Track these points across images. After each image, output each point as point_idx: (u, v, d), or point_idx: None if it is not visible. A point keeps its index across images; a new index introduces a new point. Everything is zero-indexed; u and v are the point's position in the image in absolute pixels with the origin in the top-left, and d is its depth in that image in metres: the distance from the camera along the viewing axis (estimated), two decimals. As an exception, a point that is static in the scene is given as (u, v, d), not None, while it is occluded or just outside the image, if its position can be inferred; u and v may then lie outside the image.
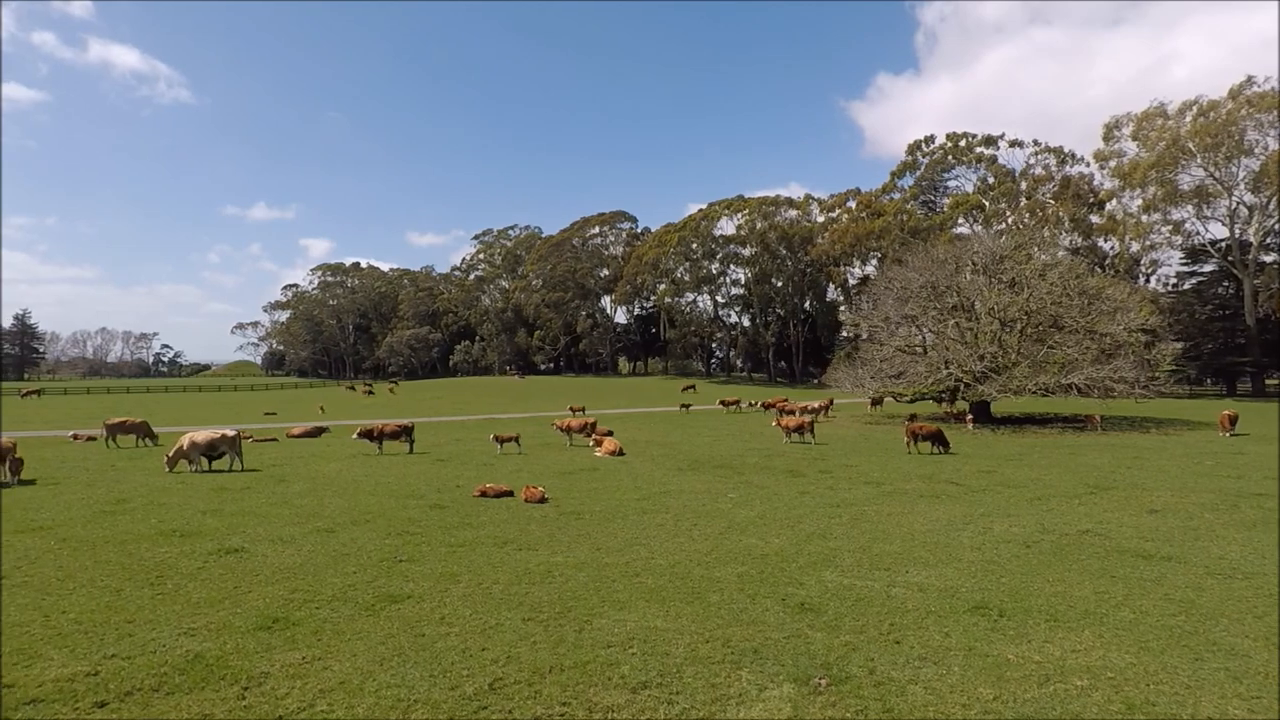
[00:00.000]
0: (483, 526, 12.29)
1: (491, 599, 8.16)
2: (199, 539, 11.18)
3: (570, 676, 5.99)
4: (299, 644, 6.70)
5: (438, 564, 9.73)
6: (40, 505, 14.10)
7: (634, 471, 19.43)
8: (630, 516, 13.27)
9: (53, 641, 6.77)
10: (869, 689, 5.86)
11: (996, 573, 9.48)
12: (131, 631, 7.03)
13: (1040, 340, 34.72)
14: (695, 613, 7.72)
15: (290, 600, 8.04)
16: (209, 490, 16.02)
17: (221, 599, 8.09)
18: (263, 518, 12.95)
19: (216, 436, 20.17)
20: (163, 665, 6.17)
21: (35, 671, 6.04)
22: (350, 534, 11.65)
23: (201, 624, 7.24)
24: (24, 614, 7.55)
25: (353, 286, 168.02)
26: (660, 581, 8.94)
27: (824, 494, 15.92)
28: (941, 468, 20.08)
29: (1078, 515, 13.43)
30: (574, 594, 8.36)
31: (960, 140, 75.57)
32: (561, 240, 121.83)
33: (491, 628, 7.17)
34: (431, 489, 16.36)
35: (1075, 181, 68.22)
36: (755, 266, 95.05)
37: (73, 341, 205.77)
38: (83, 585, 8.64)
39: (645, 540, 11.30)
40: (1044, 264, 35.62)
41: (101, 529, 11.98)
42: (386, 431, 24.14)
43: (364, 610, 7.69)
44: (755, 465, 20.74)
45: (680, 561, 9.95)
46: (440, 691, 5.71)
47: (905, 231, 73.91)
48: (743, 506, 14.30)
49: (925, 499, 15.30)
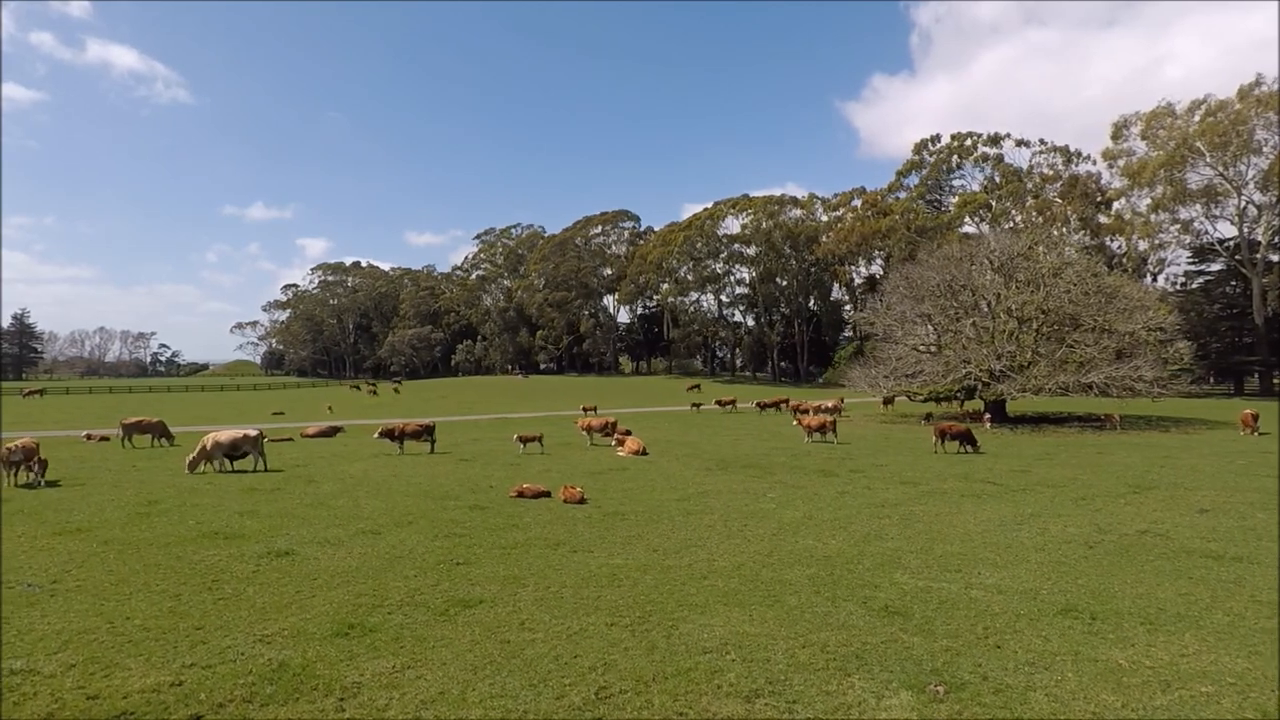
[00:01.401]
0: (529, 528, 12.04)
1: (564, 603, 7.93)
2: (243, 541, 10.92)
3: (676, 685, 5.75)
4: (382, 651, 6.45)
5: (496, 567, 9.48)
6: (72, 507, 13.82)
7: (663, 471, 19.20)
8: (676, 518, 13.04)
9: (124, 649, 6.52)
10: (989, 696, 5.63)
11: (1069, 574, 9.27)
12: (204, 639, 6.78)
13: (1058, 339, 34.56)
14: (778, 617, 7.49)
15: (358, 605, 7.79)
16: (239, 491, 15.75)
17: (286, 604, 7.84)
18: (302, 519, 12.69)
19: (239, 436, 19.90)
20: (247, 675, 5.92)
21: (117, 682, 5.79)
22: (397, 536, 11.40)
23: (274, 630, 6.99)
24: (87, 620, 7.30)
25: (353, 286, 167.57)
26: (731, 584, 8.71)
27: (863, 494, 15.71)
28: (974, 467, 19.88)
29: (1128, 515, 13.23)
30: (647, 598, 8.12)
31: (966, 139, 75.43)
32: (564, 239, 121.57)
33: (575, 634, 6.93)
34: (465, 490, 16.10)
35: (1082, 180, 68.14)
36: (760, 265, 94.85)
37: (70, 341, 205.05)
38: (138, 590, 8.39)
39: (700, 542, 11.06)
40: (1061, 262, 35.41)
41: (140, 531, 11.72)
42: (408, 431, 23.88)
43: (438, 615, 7.45)
44: (784, 465, 20.52)
45: (743, 564, 9.72)
46: (546, 701, 5.47)
47: (912, 231, 73.76)
48: (786, 507, 14.07)
49: (968, 499, 15.10)
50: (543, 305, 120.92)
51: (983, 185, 75.06)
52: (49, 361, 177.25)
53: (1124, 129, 63.30)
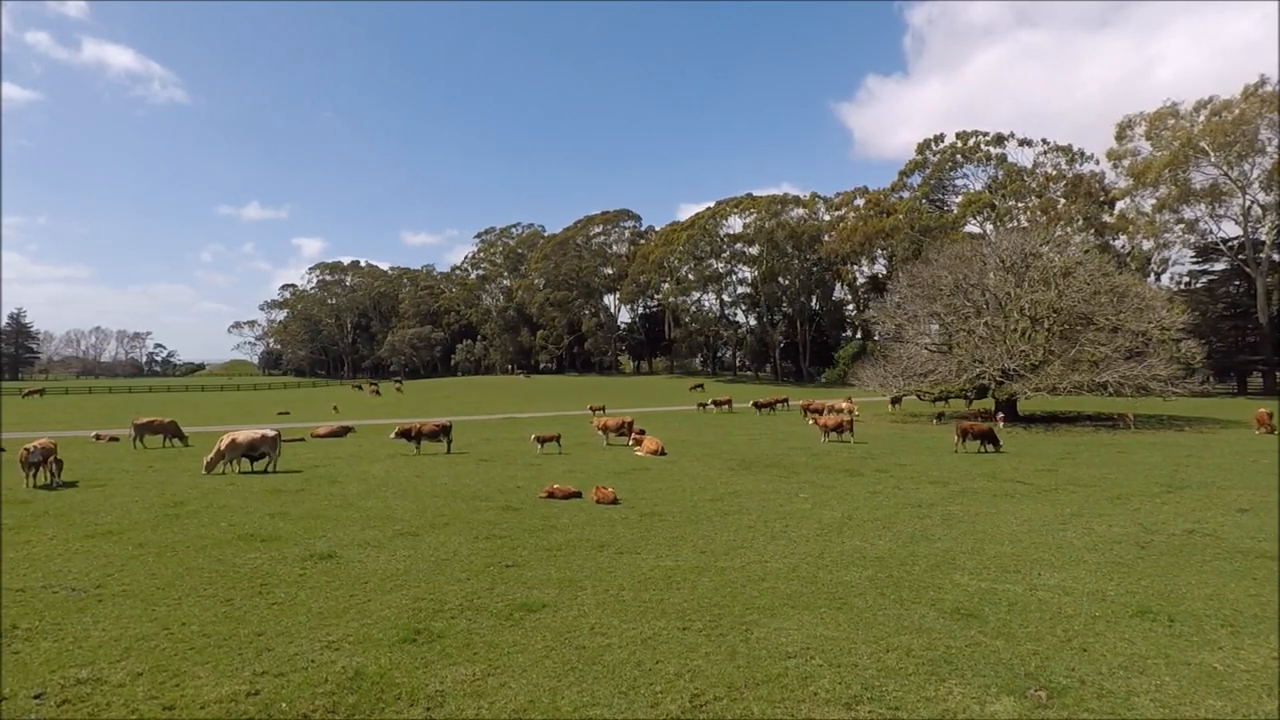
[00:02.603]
0: (568, 529, 11.86)
1: (627, 607, 7.75)
2: (281, 544, 10.71)
3: (770, 691, 5.58)
4: (456, 658, 6.26)
5: (547, 570, 9.30)
6: (97, 508, 13.58)
7: (687, 471, 19.04)
8: (714, 518, 12.87)
9: (188, 657, 6.32)
10: (1093, 700, 5.48)
11: (1129, 575, 9.13)
12: (268, 645, 6.58)
13: (1071, 339, 34.47)
14: (850, 620, 7.32)
15: (417, 610, 7.60)
16: (263, 492, 15.53)
17: (344, 609, 7.64)
18: (335, 521, 12.49)
19: (257, 437, 19.67)
20: (324, 683, 5.73)
21: (190, 692, 5.59)
22: (436, 538, 11.20)
23: (338, 636, 6.80)
24: (142, 626, 7.09)
25: (352, 285, 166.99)
26: (791, 587, 8.54)
27: (895, 494, 15.56)
28: (999, 466, 19.76)
29: (1168, 515, 13.10)
30: (710, 601, 7.95)
31: (970, 139, 75.38)
32: (565, 239, 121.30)
33: (649, 639, 6.75)
34: (493, 490, 15.91)
35: (1086, 180, 68.17)
36: (762, 265, 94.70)
37: (66, 341, 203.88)
38: (187, 594, 8.18)
39: (746, 543, 10.89)
40: (1074, 261, 35.33)
41: (172, 533, 11.50)
42: (425, 431, 23.67)
43: (503, 620, 7.26)
44: (807, 465, 20.37)
45: (797, 565, 9.55)
46: (641, 709, 5.30)
47: (916, 230, 73.69)
48: (822, 507, 13.91)
49: (1002, 498, 14.97)
50: (543, 305, 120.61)
51: (986, 185, 75.04)
52: (45, 361, 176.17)
53: (1128, 129, 63.35)
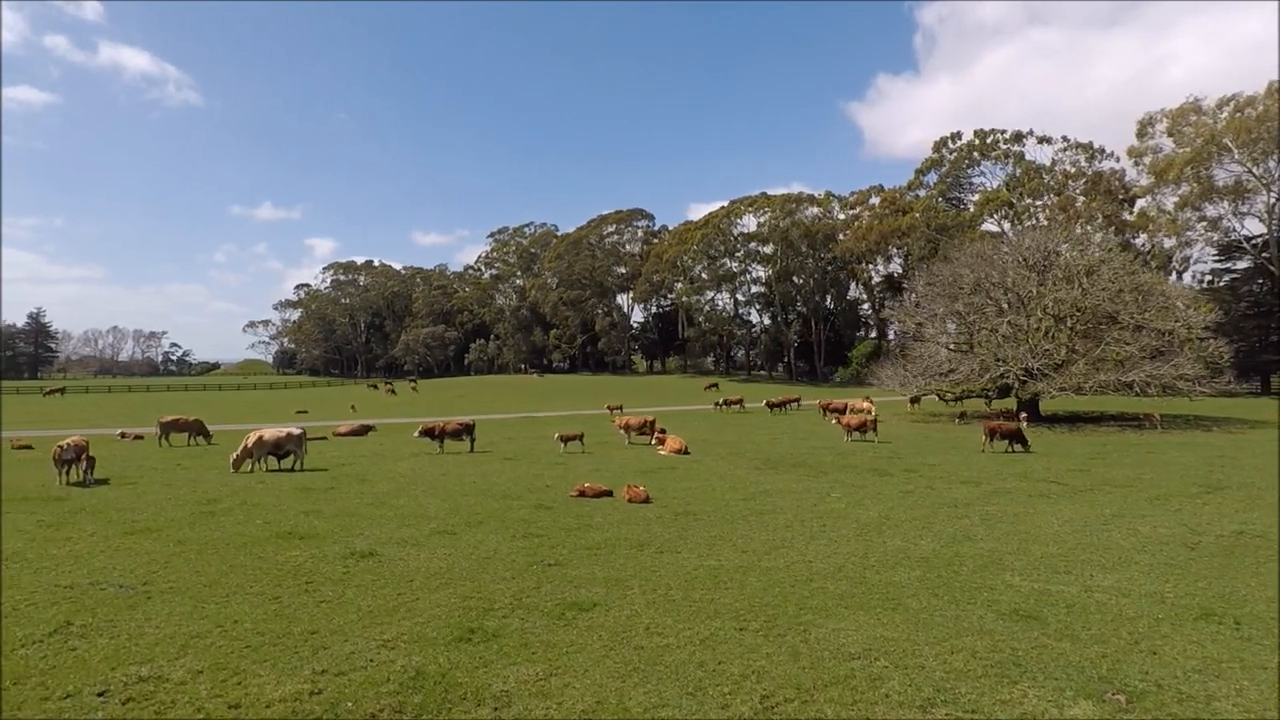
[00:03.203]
0: (604, 528, 11.78)
1: (678, 606, 7.65)
2: (319, 542, 10.69)
3: (841, 693, 5.47)
4: (515, 658, 6.19)
5: (590, 569, 9.22)
6: (132, 506, 13.63)
7: (713, 470, 18.93)
8: (749, 517, 12.76)
9: (245, 655, 6.28)
10: (1174, 705, 5.34)
11: (1184, 576, 8.96)
12: (323, 644, 6.53)
13: (1095, 337, 34.08)
14: (907, 621, 7.20)
15: (467, 609, 7.54)
16: (294, 490, 15.54)
17: (393, 608, 7.59)
18: (370, 519, 12.46)
19: (283, 435, 19.72)
20: (386, 682, 5.67)
21: (252, 690, 5.54)
22: (473, 536, 11.15)
23: (392, 635, 6.74)
24: (194, 624, 7.06)
25: (365, 285, 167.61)
26: (841, 587, 8.42)
27: (928, 493, 15.40)
28: (1030, 466, 19.53)
29: (1212, 516, 12.88)
30: (761, 601, 7.85)
31: (988, 136, 74.70)
32: (578, 238, 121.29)
33: (707, 639, 6.65)
34: (522, 489, 15.86)
35: (1106, 177, 67.45)
36: (777, 264, 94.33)
37: (84, 340, 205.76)
38: (234, 592, 8.15)
39: (786, 543, 10.78)
40: (1097, 259, 34.92)
41: (210, 531, 11.50)
42: (448, 430, 23.67)
43: (555, 620, 7.19)
44: (833, 464, 20.21)
45: (843, 565, 9.43)
46: (713, 710, 5.20)
47: (932, 229, 73.15)
48: (857, 507, 13.77)
49: (1038, 499, 14.77)
50: (557, 304, 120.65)
51: (1004, 183, 74.36)
52: (63, 360, 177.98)
53: (1149, 126, 62.54)
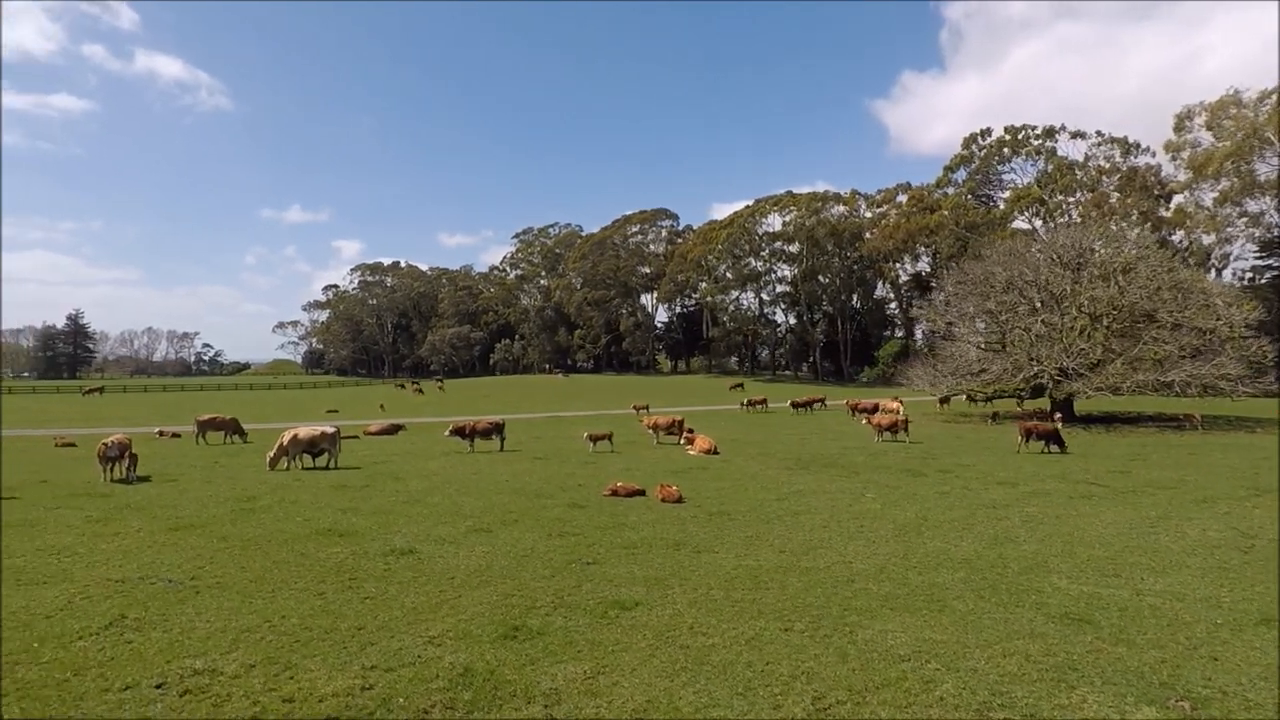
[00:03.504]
0: (639, 528, 11.76)
1: (719, 606, 7.61)
2: (359, 539, 10.79)
3: (894, 695, 5.40)
4: (561, 656, 6.19)
5: (629, 568, 9.20)
6: (174, 502, 13.89)
7: (744, 470, 18.83)
8: (784, 518, 12.66)
9: (294, 649, 6.35)
10: (1240, 712, 5.20)
11: (1238, 581, 8.71)
12: (370, 640, 6.59)
13: (1132, 336, 33.37)
14: (954, 623, 7.08)
15: (509, 607, 7.56)
16: (330, 488, 15.74)
17: (437, 605, 7.63)
18: (406, 517, 12.57)
19: (317, 434, 19.99)
20: (435, 679, 5.69)
21: (304, 684, 5.59)
22: (509, 534, 11.19)
23: (438, 632, 6.78)
24: (243, 618, 7.16)
25: (392, 286, 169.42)
26: (884, 588, 8.32)
27: (965, 494, 15.17)
28: (1068, 468, 19.17)
29: (1263, 519, 12.53)
30: (803, 601, 7.77)
31: (1019, 132, 73.50)
32: (603, 238, 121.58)
33: (753, 639, 6.60)
34: (554, 487, 15.90)
35: (1142, 173, 66.04)
36: (802, 263, 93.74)
37: (120, 340, 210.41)
38: (279, 587, 8.26)
39: (824, 543, 10.67)
40: (1135, 256, 34.18)
41: (251, 527, 11.68)
42: (478, 429, 23.82)
43: (598, 618, 7.18)
44: (865, 464, 20.00)
45: (884, 566, 9.31)
46: (764, 711, 5.16)
47: (961, 227, 72.15)
48: (893, 508, 13.61)
49: (1079, 500, 14.48)
50: (581, 304, 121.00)
51: (1036, 179, 73.09)
52: (100, 360, 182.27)
53: (1187, 120, 61.06)
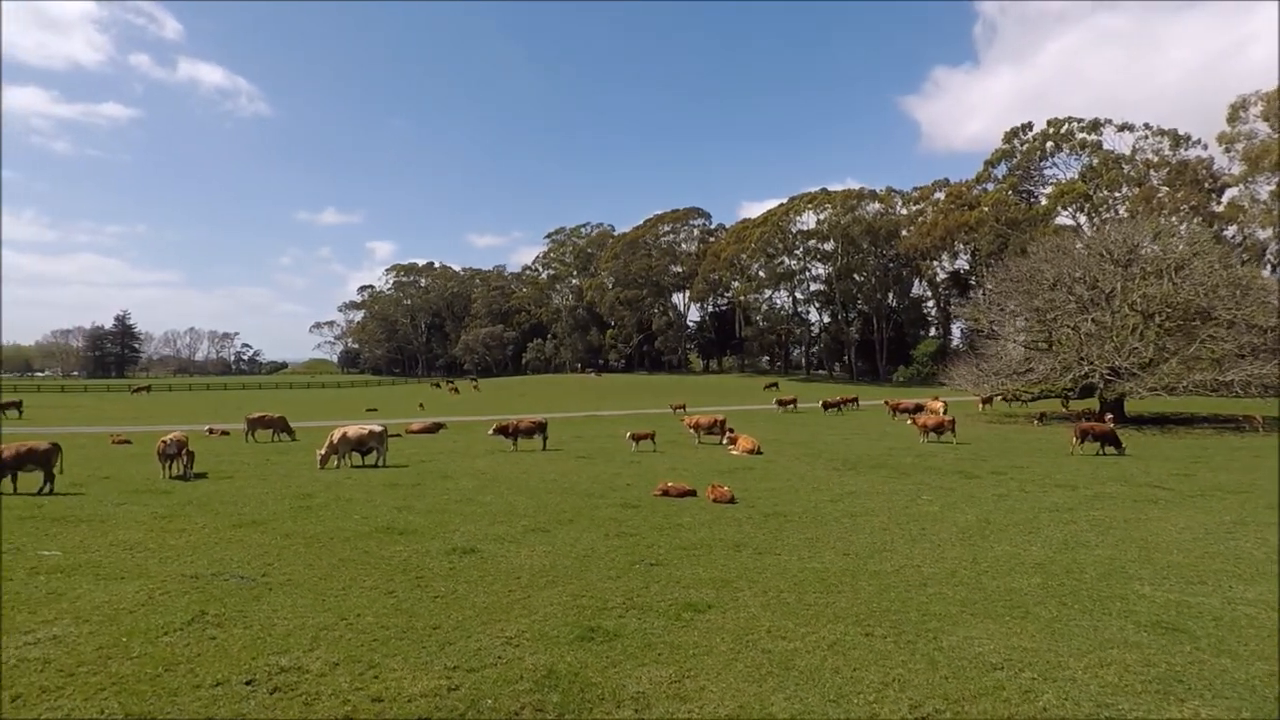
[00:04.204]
0: (695, 528, 11.65)
1: (792, 609, 7.47)
2: (419, 538, 10.84)
3: (993, 705, 5.22)
4: (641, 658, 6.11)
5: (693, 569, 9.10)
6: (233, 499, 14.12)
7: (792, 471, 18.61)
8: (841, 519, 12.46)
9: (374, 648, 6.35)
10: (1368, 734, 4.92)
11: (1334, 590, 8.33)
12: (448, 639, 6.58)
13: (1185, 334, 32.37)
14: (1041, 630, 6.86)
15: (581, 607, 7.51)
16: (382, 486, 15.88)
17: (507, 605, 7.61)
18: (461, 515, 12.61)
19: (365, 433, 20.19)
20: (520, 680, 5.65)
21: (391, 684, 5.59)
22: (567, 534, 11.16)
23: (514, 633, 6.74)
24: (319, 616, 7.20)
25: (426, 286, 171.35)
26: (959, 593, 8.11)
27: (1023, 497, 14.81)
28: (1127, 470, 18.62)
29: (1347, 525, 12.01)
30: (879, 606, 7.60)
31: (1063, 126, 71.76)
32: (635, 238, 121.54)
33: (834, 644, 6.45)
34: (603, 487, 15.87)
35: (1193, 166, 64.04)
36: (837, 261, 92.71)
37: (164, 340, 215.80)
38: (349, 585, 8.31)
39: (888, 546, 10.46)
40: (1189, 252, 33.11)
41: (311, 525, 11.80)
42: (522, 428, 23.91)
43: (673, 620, 7.09)
44: (915, 465, 19.66)
45: (954, 571, 9.08)
46: (860, 718, 5.02)
47: (1002, 223, 70.68)
48: (951, 510, 13.33)
49: (1145, 504, 14.03)
50: (613, 304, 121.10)
51: (1080, 174, 71.28)
52: (145, 360, 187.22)
53: (1241, 110, 58.94)
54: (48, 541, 10.41)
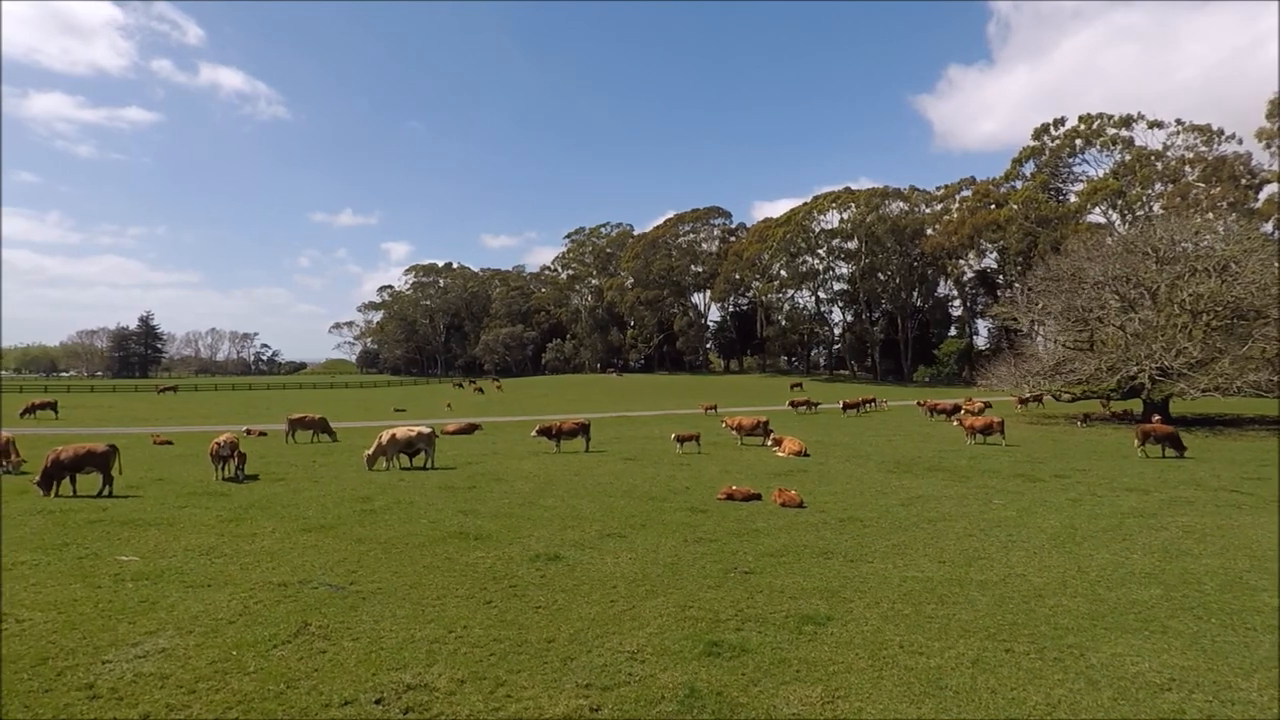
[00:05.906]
0: (773, 534, 11.33)
1: (913, 621, 7.14)
2: (494, 543, 10.60)
3: (1182, 735, 4.88)
4: (779, 675, 5.81)
5: (790, 578, 8.78)
6: (294, 502, 13.95)
7: (845, 473, 18.24)
8: (920, 524, 12.09)
9: (496, 664, 6.09)
10: None
11: None
12: (568, 653, 6.31)
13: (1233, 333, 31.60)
14: (1190, 647, 6.49)
15: (693, 619, 7.21)
16: (439, 489, 15.67)
17: (615, 616, 7.33)
18: (529, 520, 12.36)
19: (413, 434, 20.02)
20: (662, 700, 5.37)
21: (526, 704, 5.32)
22: (643, 540, 10.88)
23: (633, 647, 6.46)
24: (424, 628, 6.94)
25: (444, 286, 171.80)
26: (1081, 605, 7.74)
27: (1097, 502, 14.36)
28: (1195, 474, 18.07)
29: None
30: (1006, 619, 7.25)
31: (1094, 122, 70.59)
32: (655, 238, 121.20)
33: (978, 661, 6.12)
34: (662, 490, 15.58)
35: (1230, 162, 62.76)
36: (860, 260, 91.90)
37: (186, 341, 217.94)
38: (442, 594, 8.06)
39: (981, 553, 10.10)
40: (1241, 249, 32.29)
41: (380, 529, 11.59)
42: (565, 429, 23.67)
43: (794, 634, 6.78)
44: (970, 468, 19.22)
45: (1064, 581, 8.70)
46: (1046, 750, 4.70)
47: (1031, 221, 69.65)
48: (1029, 515, 12.92)
49: (1229, 509, 13.55)
50: (634, 304, 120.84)
51: (1111, 170, 70.10)
52: (168, 360, 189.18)
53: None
54: (122, 546, 10.28)
